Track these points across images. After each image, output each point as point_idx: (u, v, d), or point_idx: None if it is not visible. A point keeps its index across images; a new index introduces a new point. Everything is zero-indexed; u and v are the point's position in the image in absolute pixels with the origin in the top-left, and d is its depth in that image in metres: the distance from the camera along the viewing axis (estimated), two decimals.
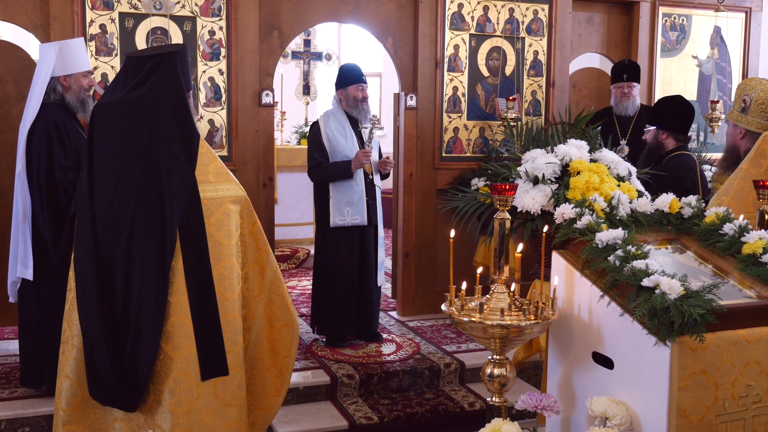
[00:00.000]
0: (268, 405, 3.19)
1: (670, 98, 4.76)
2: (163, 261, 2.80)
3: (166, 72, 2.89)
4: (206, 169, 2.97)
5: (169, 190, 2.83)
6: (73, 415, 2.91)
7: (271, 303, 3.15)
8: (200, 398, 2.84)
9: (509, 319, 2.65)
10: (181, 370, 2.82)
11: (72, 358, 2.91)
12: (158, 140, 2.85)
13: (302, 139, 9.35)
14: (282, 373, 3.21)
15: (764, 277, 2.70)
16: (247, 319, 3.08)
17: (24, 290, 3.99)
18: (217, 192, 2.98)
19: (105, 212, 2.86)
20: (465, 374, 4.74)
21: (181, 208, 2.84)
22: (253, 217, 3.09)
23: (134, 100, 2.86)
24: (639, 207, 3.04)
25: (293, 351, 3.22)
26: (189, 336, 2.82)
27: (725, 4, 6.59)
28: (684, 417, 2.43)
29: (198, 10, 5.09)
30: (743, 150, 3.94)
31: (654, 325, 2.43)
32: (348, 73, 4.97)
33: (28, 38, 5.07)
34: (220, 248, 2.92)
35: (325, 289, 4.95)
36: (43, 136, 3.84)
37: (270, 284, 3.13)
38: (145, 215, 2.82)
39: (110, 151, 2.88)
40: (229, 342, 2.90)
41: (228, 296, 2.92)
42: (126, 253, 2.82)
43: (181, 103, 2.90)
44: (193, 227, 2.87)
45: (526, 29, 5.98)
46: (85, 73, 4.05)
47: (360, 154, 4.84)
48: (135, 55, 2.98)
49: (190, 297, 2.83)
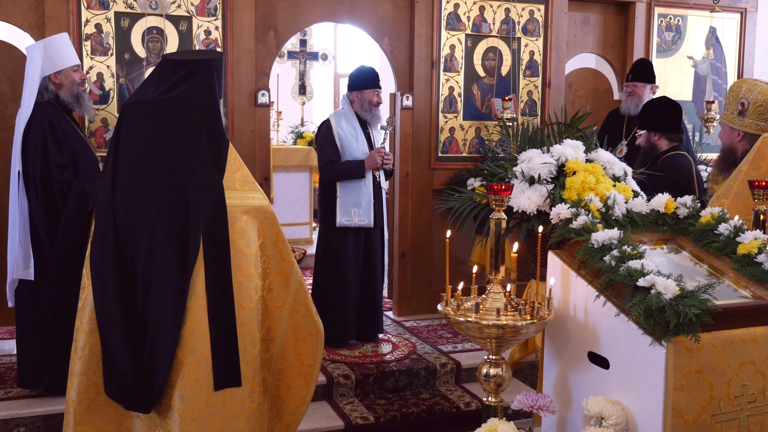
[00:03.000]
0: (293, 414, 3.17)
1: (655, 101, 4.76)
2: (184, 266, 2.77)
3: (201, 78, 2.88)
4: (233, 176, 2.95)
5: (195, 196, 2.81)
6: (85, 415, 2.88)
7: (295, 313, 3.12)
8: (210, 407, 2.81)
9: (505, 319, 2.65)
10: (193, 376, 2.79)
11: (85, 357, 2.87)
12: (187, 145, 2.83)
13: (298, 139, 9.34)
14: (307, 382, 3.19)
15: (759, 277, 2.71)
16: (271, 329, 3.05)
17: (20, 290, 3.98)
18: (242, 200, 2.94)
19: (127, 213, 2.83)
20: (461, 374, 4.74)
21: (207, 215, 2.81)
22: (277, 226, 3.05)
23: (166, 102, 2.85)
24: (635, 207, 3.04)
25: (318, 360, 3.18)
26: (203, 343, 2.79)
27: (720, 4, 6.60)
28: (679, 417, 2.43)
29: (194, 10, 5.09)
30: (741, 152, 3.95)
31: (649, 325, 2.43)
32: (367, 77, 4.97)
33: (24, 38, 5.06)
34: (241, 257, 2.89)
35: (327, 289, 4.94)
36: (38, 135, 3.83)
37: (294, 294, 3.10)
38: (167, 219, 2.79)
39: (137, 151, 2.86)
40: (243, 352, 2.87)
41: (245, 305, 2.89)
42: (147, 255, 2.80)
43: (213, 109, 2.89)
44: (217, 234, 2.84)
45: (522, 29, 5.98)
46: (74, 67, 4.04)
47: (375, 154, 4.84)
48: (172, 58, 2.96)
49: (209, 304, 2.80)
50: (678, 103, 4.66)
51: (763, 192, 3.04)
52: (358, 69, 5.05)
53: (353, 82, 4.99)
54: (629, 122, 5.63)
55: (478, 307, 2.69)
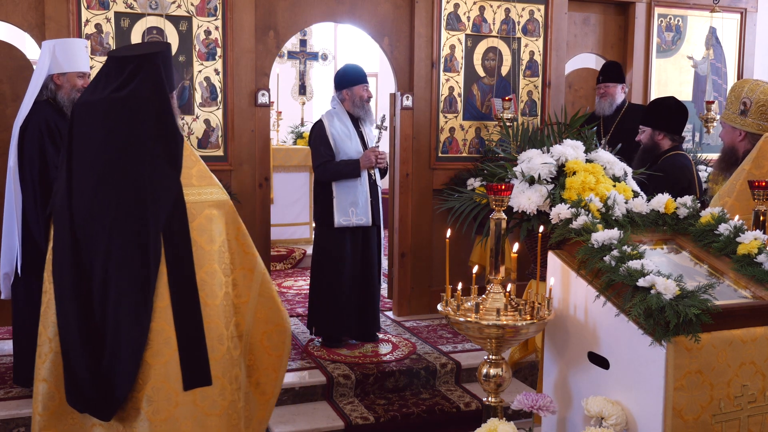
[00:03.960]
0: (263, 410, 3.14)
1: (664, 99, 4.77)
2: (146, 268, 2.73)
3: (149, 73, 2.82)
4: (189, 172, 2.89)
5: (152, 195, 2.76)
6: (50, 420, 2.84)
7: (261, 306, 3.09)
8: (179, 406, 2.76)
9: (505, 320, 2.65)
10: (160, 377, 2.74)
11: (49, 361, 2.83)
12: (140, 143, 2.78)
13: (298, 139, 9.34)
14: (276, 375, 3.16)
15: (759, 277, 2.71)
16: (239, 325, 3.02)
17: (16, 288, 4.00)
18: (200, 196, 2.89)
19: (85, 216, 2.79)
20: (461, 374, 4.74)
21: (166, 213, 2.77)
22: (238, 221, 3.01)
23: (116, 102, 2.79)
24: (635, 207, 3.04)
25: (286, 351, 3.16)
26: (169, 343, 2.75)
27: (720, 5, 6.60)
28: (679, 417, 2.43)
29: (194, 10, 5.09)
30: (742, 151, 3.95)
31: (649, 325, 2.43)
32: (354, 73, 4.96)
33: (24, 38, 5.06)
34: (203, 253, 2.85)
35: (325, 289, 4.93)
36: (35, 134, 3.84)
37: (259, 287, 3.07)
38: (125, 221, 2.75)
39: (90, 153, 2.82)
40: (211, 349, 2.83)
41: (209, 302, 2.85)
42: (105, 258, 2.75)
43: (164, 105, 2.83)
44: (177, 232, 2.79)
45: (522, 29, 5.99)
46: (80, 73, 4.04)
47: (369, 153, 4.84)
48: (117, 55, 2.90)
49: (173, 303, 2.76)
50: (686, 106, 4.67)
51: (763, 192, 3.04)
52: (344, 67, 5.05)
53: (341, 80, 4.97)
54: (605, 122, 5.68)
55: (478, 307, 2.69)
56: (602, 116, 5.71)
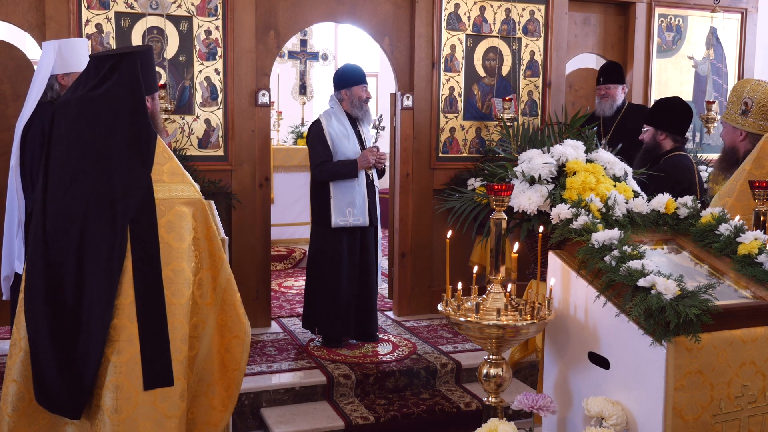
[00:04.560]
0: (215, 420, 3.04)
1: (669, 99, 4.76)
2: (111, 264, 2.72)
3: (125, 71, 2.83)
4: (161, 168, 2.88)
5: (122, 191, 2.76)
6: (19, 421, 2.82)
7: (223, 312, 3.03)
8: (138, 406, 2.73)
9: (505, 320, 2.65)
10: (122, 374, 2.71)
11: (19, 361, 2.82)
12: (113, 140, 2.79)
13: (299, 139, 9.34)
14: (230, 387, 3.07)
15: (760, 277, 2.71)
16: (197, 327, 2.96)
17: (16, 289, 4.00)
18: (170, 193, 2.87)
19: (56, 214, 2.80)
20: (461, 374, 4.74)
21: (133, 209, 2.77)
22: (208, 220, 2.97)
23: (92, 99, 2.81)
24: (635, 207, 3.04)
25: (243, 365, 3.07)
26: (131, 340, 2.73)
27: (721, 5, 6.60)
28: (680, 417, 2.43)
29: (194, 10, 5.09)
30: (743, 151, 3.95)
31: (650, 325, 2.43)
32: (353, 74, 4.95)
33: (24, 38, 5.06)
34: (170, 251, 2.82)
35: (323, 289, 4.93)
36: (37, 135, 3.84)
37: (223, 292, 3.01)
38: (95, 217, 2.75)
39: (65, 150, 2.83)
40: (174, 350, 2.79)
41: (174, 301, 2.82)
42: (77, 256, 2.75)
43: (138, 103, 2.84)
44: (144, 228, 2.78)
45: (523, 30, 5.98)
46: None
47: (367, 153, 4.83)
48: (97, 55, 2.94)
49: (137, 300, 2.74)
50: (690, 108, 4.65)
51: (763, 192, 3.04)
52: (343, 67, 5.04)
53: (340, 80, 4.97)
54: (605, 123, 5.68)
55: (478, 307, 2.69)
56: (602, 117, 5.72)
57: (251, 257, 5.31)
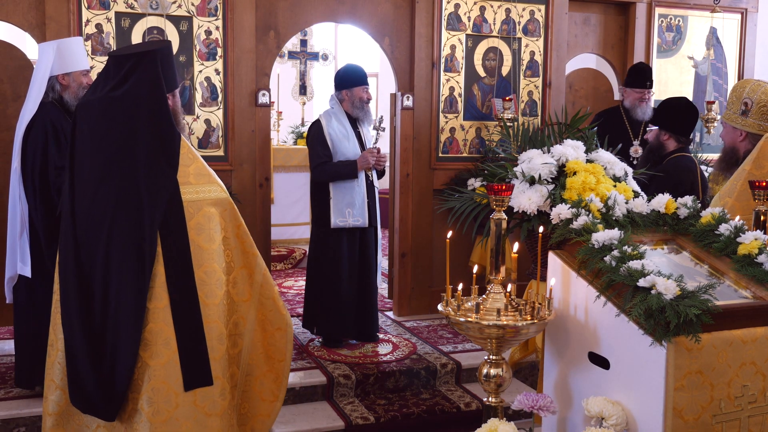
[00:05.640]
0: (267, 411, 3.12)
1: (674, 99, 4.74)
2: (141, 267, 2.72)
3: (145, 71, 2.80)
4: (186, 170, 2.87)
5: (148, 194, 2.75)
6: (59, 420, 2.87)
7: (262, 307, 3.07)
8: (179, 407, 2.76)
9: (505, 320, 2.65)
10: (160, 378, 2.74)
11: (57, 362, 2.86)
12: (136, 142, 2.77)
13: (299, 139, 9.34)
14: (279, 377, 3.13)
15: (760, 277, 2.70)
16: (238, 324, 3.00)
17: (18, 289, 3.99)
18: (198, 194, 2.88)
19: (85, 216, 2.79)
20: (461, 374, 4.74)
21: (161, 212, 2.76)
22: (238, 219, 2.98)
23: (113, 100, 2.79)
24: (635, 207, 3.04)
25: (288, 355, 3.13)
26: (168, 343, 2.74)
27: (721, 5, 6.60)
28: (680, 417, 2.43)
29: (194, 10, 5.09)
30: (743, 152, 3.95)
31: (650, 325, 2.43)
32: (355, 74, 4.94)
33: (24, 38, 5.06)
34: (200, 253, 2.84)
35: (324, 290, 4.93)
36: (39, 135, 3.84)
37: (260, 287, 3.04)
38: (122, 220, 2.75)
39: (90, 152, 2.82)
40: (211, 349, 2.82)
41: (208, 302, 2.84)
42: (104, 259, 2.75)
43: (160, 102, 2.81)
44: (174, 232, 2.78)
45: (523, 30, 5.98)
46: (83, 71, 4.05)
47: (367, 154, 4.83)
48: (116, 54, 2.91)
49: (171, 303, 2.75)
50: (696, 108, 4.63)
51: (763, 192, 3.04)
52: (345, 67, 5.03)
53: (341, 80, 4.96)
54: (633, 124, 5.64)
55: (478, 307, 2.69)
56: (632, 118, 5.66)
57: None
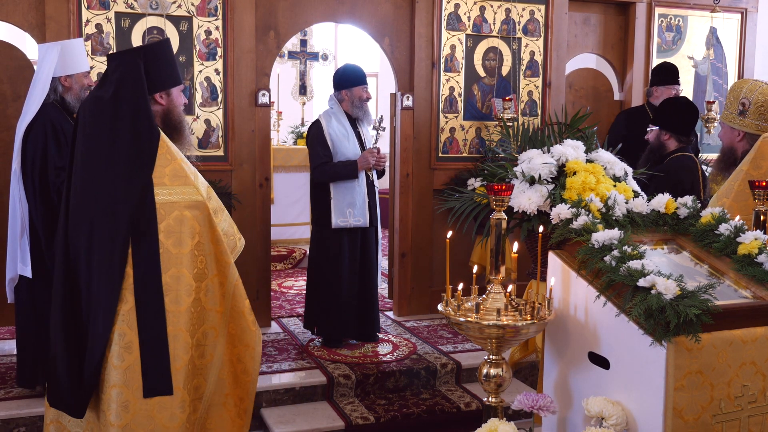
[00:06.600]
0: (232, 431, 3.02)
1: (675, 99, 4.74)
2: (113, 268, 2.70)
3: (127, 71, 2.82)
4: (162, 171, 2.81)
5: (123, 195, 2.74)
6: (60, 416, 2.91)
7: (232, 320, 2.96)
8: (136, 415, 2.71)
9: (505, 320, 2.65)
10: (120, 381, 2.71)
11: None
12: (116, 140, 2.77)
13: (299, 139, 9.34)
14: (244, 398, 3.03)
15: (760, 277, 2.70)
16: (207, 334, 2.90)
17: (19, 289, 3.99)
18: (171, 196, 2.80)
19: (74, 215, 2.81)
20: (461, 374, 4.74)
21: (132, 212, 2.74)
22: (212, 224, 2.89)
23: (97, 100, 2.83)
24: (635, 207, 3.04)
25: (255, 375, 3.02)
26: (130, 347, 2.71)
27: (721, 5, 6.60)
28: (680, 417, 2.43)
29: (194, 10, 5.09)
30: (741, 152, 3.95)
31: (650, 325, 2.43)
32: (354, 74, 4.94)
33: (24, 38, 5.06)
34: (169, 256, 2.77)
35: (324, 290, 4.93)
36: (39, 136, 3.84)
37: (231, 299, 2.95)
38: (101, 220, 2.74)
39: (80, 150, 2.85)
40: (174, 358, 2.75)
41: (174, 309, 2.77)
42: (86, 260, 2.76)
43: (138, 102, 2.81)
44: (144, 232, 2.74)
45: (523, 30, 5.98)
46: (85, 73, 4.07)
47: (367, 154, 4.82)
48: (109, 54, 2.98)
49: (137, 306, 2.71)
50: (696, 108, 4.62)
51: (763, 192, 3.04)
52: (343, 67, 5.03)
53: (341, 80, 4.96)
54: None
55: (478, 307, 2.69)
56: None
57: (251, 257, 5.31)
